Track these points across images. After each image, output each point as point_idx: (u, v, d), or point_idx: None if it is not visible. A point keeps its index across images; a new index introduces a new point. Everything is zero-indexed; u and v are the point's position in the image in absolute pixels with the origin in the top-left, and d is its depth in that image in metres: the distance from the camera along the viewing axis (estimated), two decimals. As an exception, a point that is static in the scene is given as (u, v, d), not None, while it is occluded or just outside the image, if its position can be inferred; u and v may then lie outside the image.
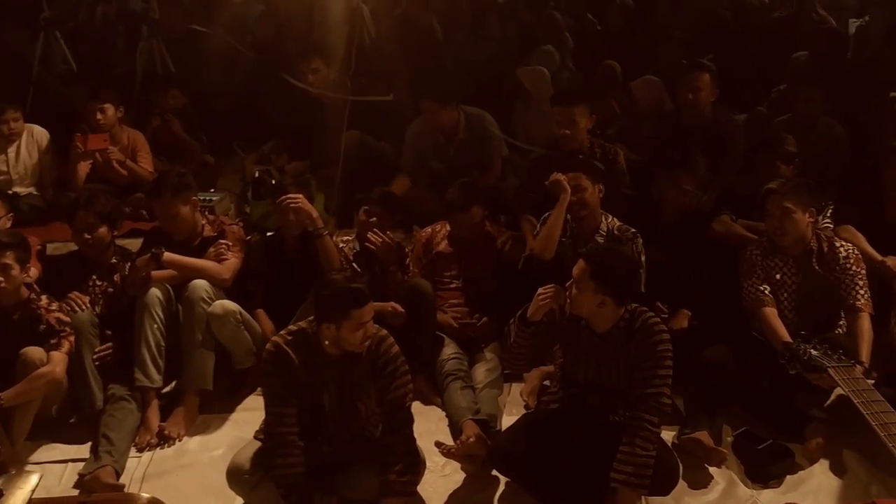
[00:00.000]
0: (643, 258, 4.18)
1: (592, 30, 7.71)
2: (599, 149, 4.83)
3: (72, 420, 4.09)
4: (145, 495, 1.92)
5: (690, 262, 4.37)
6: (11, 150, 5.60)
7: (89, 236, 4.29)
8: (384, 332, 3.40)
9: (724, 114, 5.32)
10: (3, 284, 3.83)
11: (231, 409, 4.23)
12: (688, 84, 5.15)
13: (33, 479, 1.84)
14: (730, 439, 3.82)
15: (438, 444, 3.63)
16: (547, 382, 3.99)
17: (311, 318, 3.36)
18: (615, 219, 4.31)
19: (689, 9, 7.92)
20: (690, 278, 4.36)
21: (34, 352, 3.78)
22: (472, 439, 3.62)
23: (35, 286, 4.06)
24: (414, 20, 7.23)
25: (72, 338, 3.92)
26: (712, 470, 3.64)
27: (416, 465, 3.36)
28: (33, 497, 1.80)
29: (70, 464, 3.81)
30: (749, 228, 4.34)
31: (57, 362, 3.82)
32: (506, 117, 6.28)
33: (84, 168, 5.51)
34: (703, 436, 3.67)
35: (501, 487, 3.60)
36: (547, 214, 4.31)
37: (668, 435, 3.69)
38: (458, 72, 6.78)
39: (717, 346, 3.94)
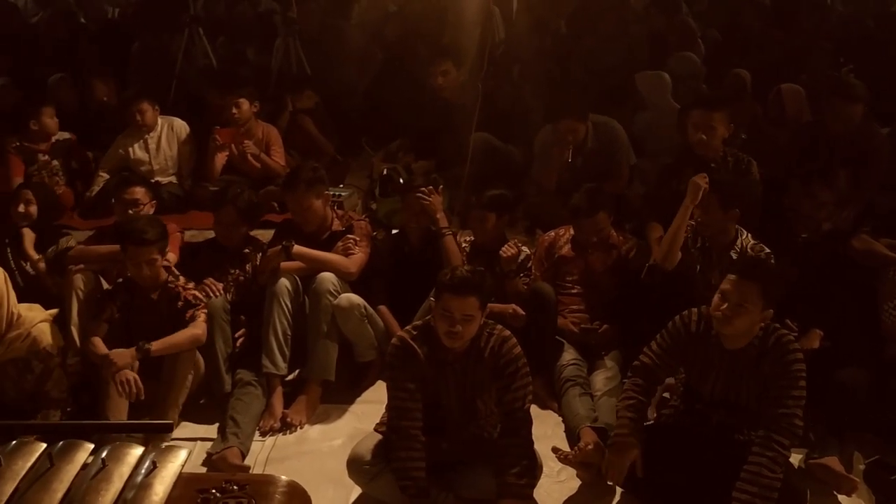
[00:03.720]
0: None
1: (727, 36, 7.51)
2: (732, 158, 4.68)
3: (202, 402, 4.26)
4: (284, 478, 1.98)
5: (825, 280, 4.19)
6: (152, 141, 5.87)
7: (230, 229, 4.53)
8: (507, 332, 3.42)
9: (867, 126, 5.09)
10: (148, 273, 4.08)
11: (351, 401, 4.32)
12: (839, 112, 4.96)
13: (182, 455, 1.93)
14: (861, 467, 3.66)
15: (556, 450, 3.61)
16: (666, 395, 3.91)
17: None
18: (749, 236, 4.17)
19: (833, 15, 7.63)
20: (824, 297, 4.18)
21: None
22: (590, 447, 3.59)
23: (173, 269, 4.27)
24: (544, 24, 7.21)
25: (205, 310, 4.12)
26: (841, 498, 3.50)
27: (533, 468, 3.36)
28: (182, 472, 1.89)
29: (199, 442, 3.97)
30: (892, 248, 4.14)
31: (199, 326, 4.06)
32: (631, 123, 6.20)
33: (220, 160, 5.75)
34: (833, 461, 3.52)
35: (617, 498, 3.56)
36: None
37: (795, 458, 3.57)
38: (584, 77, 6.73)
39: (852, 370, 3.78)
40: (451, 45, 6.54)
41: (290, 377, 4.34)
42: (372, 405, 4.13)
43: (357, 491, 3.55)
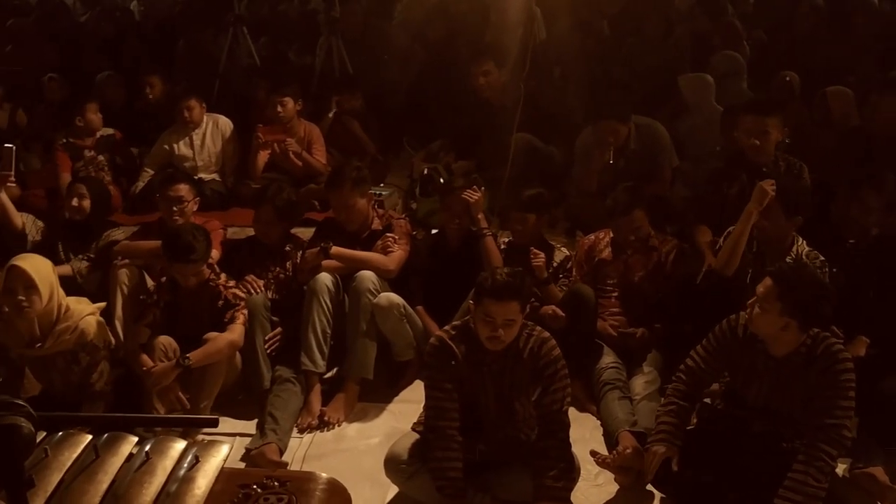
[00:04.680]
0: (826, 287, 3.97)
1: (773, 38, 7.40)
2: (784, 162, 4.60)
3: (240, 397, 4.29)
4: (324, 475, 1.99)
5: (873, 287, 4.11)
6: (197, 138, 5.93)
7: (268, 227, 4.57)
8: (546, 334, 3.40)
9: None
10: (195, 282, 4.13)
11: (389, 400, 4.32)
12: (878, 109, 4.88)
13: (224, 450, 1.95)
14: (907, 478, 3.58)
15: (594, 454, 3.60)
16: (707, 400, 3.86)
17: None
18: (805, 243, 4.08)
19: (881, 17, 7.48)
20: (871, 303, 4.10)
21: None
22: (628, 450, 3.56)
23: (215, 266, 4.31)
24: (587, 25, 7.17)
25: (245, 311, 4.16)
26: (886, 508, 3.44)
27: (570, 471, 3.33)
28: (224, 467, 1.90)
29: (238, 438, 4.00)
30: (943, 254, 4.05)
31: (235, 330, 4.08)
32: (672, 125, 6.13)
33: (263, 158, 5.79)
34: (879, 472, 3.46)
35: (656, 502, 3.52)
36: (731, 229, 4.13)
37: (839, 467, 3.50)
38: (626, 78, 6.68)
39: (898, 378, 3.70)
40: (492, 45, 6.52)
41: (328, 375, 4.36)
42: (409, 404, 4.15)
43: (394, 489, 3.56)
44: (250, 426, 4.05)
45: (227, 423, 4.10)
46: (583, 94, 6.08)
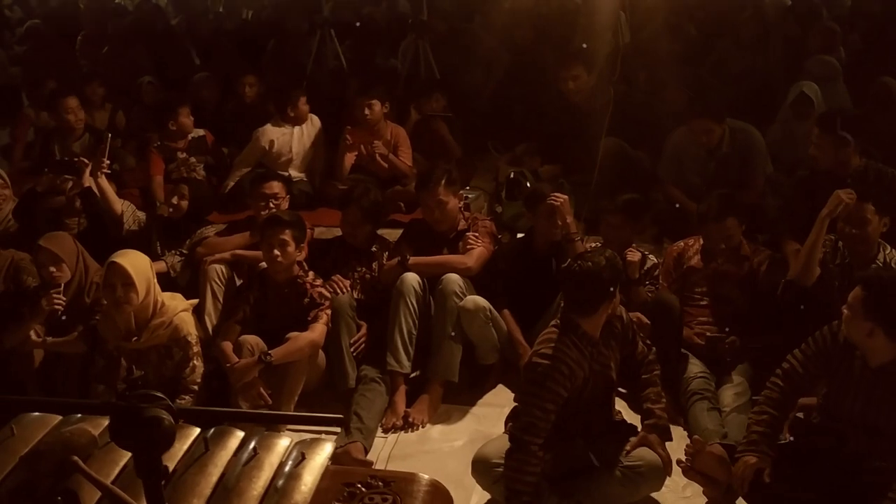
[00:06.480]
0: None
1: (872, 43, 7.17)
2: (873, 172, 4.47)
3: (325, 395, 4.31)
4: (426, 476, 2.00)
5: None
6: (294, 135, 5.99)
7: (355, 228, 4.63)
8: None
9: None
10: (279, 258, 4.17)
11: (472, 403, 4.32)
12: None
13: (328, 448, 1.99)
14: None
15: (680, 462, 3.52)
16: (800, 415, 3.75)
17: (554, 322, 3.42)
18: (893, 251, 3.97)
19: None
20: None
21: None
22: (690, 449, 3.48)
23: (304, 264, 4.38)
24: (675, 28, 7.07)
25: (329, 310, 4.22)
26: None
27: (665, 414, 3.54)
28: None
29: (323, 436, 4.05)
30: None
31: (317, 329, 4.15)
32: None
33: (350, 160, 5.85)
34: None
35: (743, 515, 3.45)
36: None
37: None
38: (716, 82, 6.55)
39: None
40: (581, 50, 6.47)
41: (412, 375, 4.37)
42: (493, 408, 4.16)
43: (477, 493, 3.55)
44: (335, 424, 4.10)
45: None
46: (670, 99, 5.98)
